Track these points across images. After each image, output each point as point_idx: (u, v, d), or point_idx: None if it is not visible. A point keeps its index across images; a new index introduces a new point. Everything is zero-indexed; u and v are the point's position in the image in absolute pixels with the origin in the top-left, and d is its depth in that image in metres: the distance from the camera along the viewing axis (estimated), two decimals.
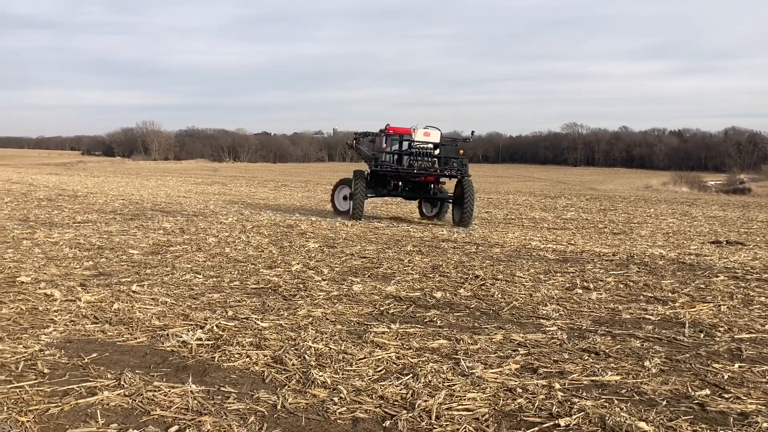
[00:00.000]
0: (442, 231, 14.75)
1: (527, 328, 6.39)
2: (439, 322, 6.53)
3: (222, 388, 4.51)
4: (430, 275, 9.02)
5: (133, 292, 7.41)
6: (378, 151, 17.56)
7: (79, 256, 9.71)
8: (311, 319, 6.49)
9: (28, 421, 3.83)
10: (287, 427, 3.94)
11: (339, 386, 4.56)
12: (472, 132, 18.60)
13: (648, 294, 8.17)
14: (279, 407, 4.21)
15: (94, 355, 5.15)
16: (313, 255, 10.65)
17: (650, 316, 6.97)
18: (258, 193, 30.87)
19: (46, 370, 4.74)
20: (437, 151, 17.33)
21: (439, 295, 7.74)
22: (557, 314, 7.00)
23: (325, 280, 8.54)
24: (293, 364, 5.04)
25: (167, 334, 5.77)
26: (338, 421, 4.04)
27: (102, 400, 4.21)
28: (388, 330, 6.12)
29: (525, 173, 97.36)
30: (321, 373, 4.79)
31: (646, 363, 5.26)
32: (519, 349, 5.66)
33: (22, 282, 7.74)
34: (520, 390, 4.58)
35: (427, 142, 16.98)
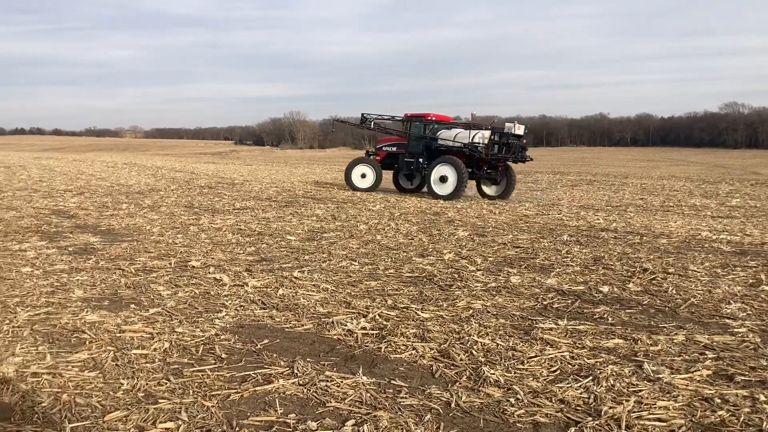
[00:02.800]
0: (599, 219, 14.00)
1: (711, 329, 5.81)
2: (610, 319, 6.10)
3: (392, 381, 4.43)
4: (593, 267, 8.52)
5: (295, 278, 7.58)
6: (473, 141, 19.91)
7: (241, 242, 10.14)
8: (472, 311, 6.29)
9: (212, 406, 3.93)
10: (464, 427, 3.78)
11: (514, 386, 4.33)
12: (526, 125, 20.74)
13: None
14: (453, 405, 4.06)
15: (266, 341, 5.27)
16: (463, 243, 10.44)
17: None
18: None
19: (223, 355, 4.90)
20: (524, 141, 20.58)
21: (605, 289, 7.26)
22: (744, 314, 6.32)
23: (479, 270, 8.31)
24: (461, 360, 4.87)
25: (332, 322, 5.81)
26: (517, 424, 3.82)
27: (278, 388, 4.26)
28: (556, 326, 5.79)
29: (678, 156, 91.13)
30: (492, 371, 4.59)
31: None
32: (706, 352, 5.14)
33: (193, 266, 8.16)
34: (719, 400, 4.11)
35: (519, 135, 19.92)
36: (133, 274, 7.64)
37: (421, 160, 20.97)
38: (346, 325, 5.70)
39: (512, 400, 4.12)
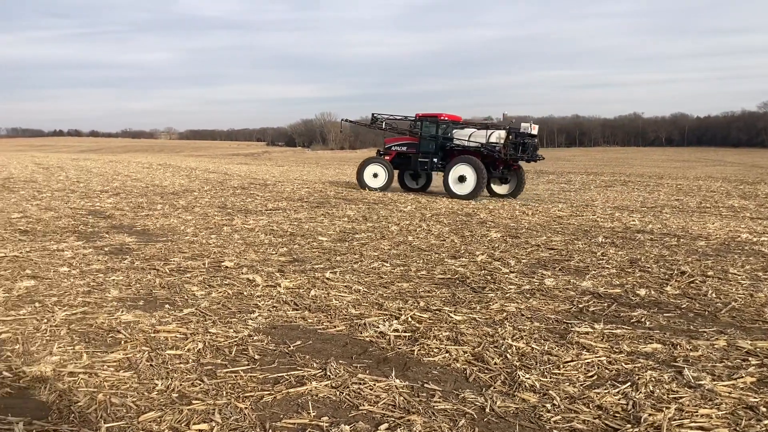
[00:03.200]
0: (634, 221, 13.75)
1: (754, 334, 5.64)
2: (648, 323, 5.96)
3: (426, 385, 4.38)
4: (629, 270, 8.35)
5: (327, 279, 7.57)
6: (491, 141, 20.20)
7: (274, 243, 10.18)
8: (506, 314, 6.21)
9: (245, 408, 3.93)
10: None
11: (550, 391, 4.25)
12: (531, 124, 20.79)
13: None
14: (488, 410, 3.99)
15: (299, 342, 5.26)
16: (496, 245, 10.34)
17: None
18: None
19: (256, 356, 4.90)
20: (537, 141, 20.94)
21: (642, 292, 7.11)
22: None
23: (513, 272, 8.21)
24: (496, 363, 4.80)
25: (364, 324, 5.78)
26: (554, 430, 3.74)
27: (311, 390, 4.25)
28: (592, 330, 5.68)
29: (714, 157, 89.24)
30: (527, 375, 4.51)
31: None
32: (749, 358, 4.99)
33: (227, 267, 8.21)
34: (764, 409, 3.98)
35: (534, 135, 20.33)
36: (167, 275, 7.71)
37: (435, 159, 21.34)
38: (378, 327, 5.66)
39: (548, 405, 4.03)
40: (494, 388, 4.36)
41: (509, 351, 5.06)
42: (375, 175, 22.03)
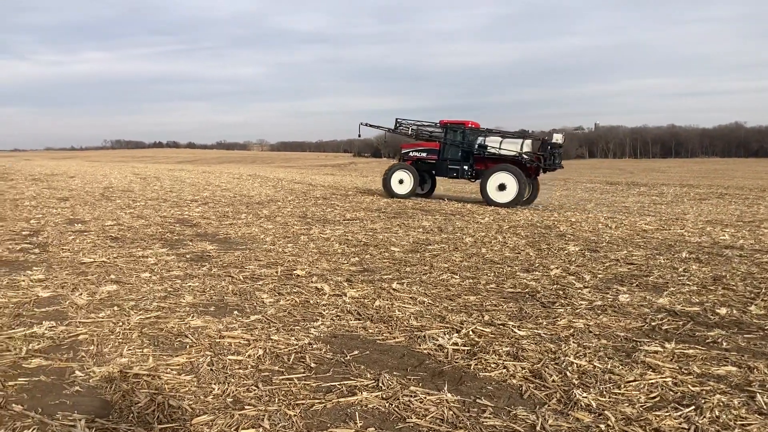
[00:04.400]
0: (725, 236, 13.04)
1: None
2: (725, 344, 5.64)
3: (478, 400, 4.32)
4: (711, 287, 7.93)
5: (393, 289, 7.60)
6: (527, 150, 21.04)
7: (347, 252, 10.31)
8: (572, 330, 6.03)
9: (295, 415, 4.00)
10: None
11: (606, 411, 4.09)
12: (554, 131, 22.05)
13: None
14: (538, 428, 3.89)
15: (356, 352, 5.30)
16: (573, 259, 10.06)
17: None
18: None
19: (312, 365, 4.98)
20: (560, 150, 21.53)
21: (723, 311, 6.73)
22: None
23: (587, 287, 7.96)
24: (553, 381, 4.67)
25: (424, 336, 5.76)
26: None
27: (361, 400, 4.27)
28: (662, 349, 5.42)
29: None
30: (585, 394, 4.36)
31: None
32: None
33: (298, 275, 8.39)
34: None
35: (560, 145, 21.10)
36: (241, 282, 7.96)
37: (466, 167, 21.82)
38: (437, 340, 5.63)
39: (602, 426, 3.89)
40: (548, 406, 4.24)
41: (569, 368, 4.92)
42: (401, 182, 22.33)
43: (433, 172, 23.03)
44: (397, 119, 23.41)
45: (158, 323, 6.00)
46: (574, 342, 5.62)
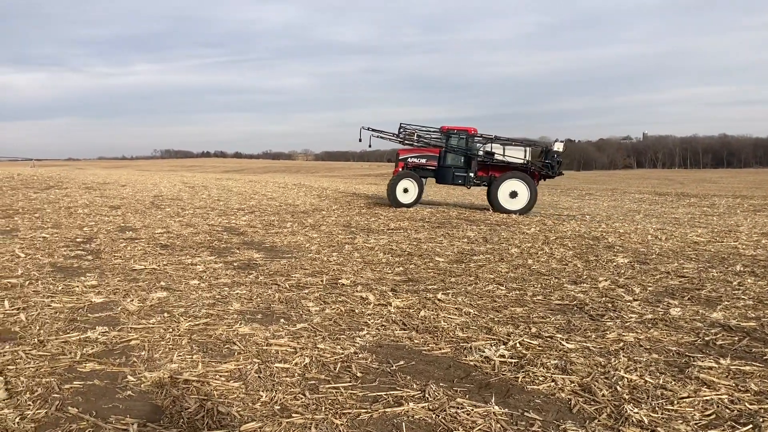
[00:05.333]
0: None
1: None
2: None
3: (526, 414, 4.26)
4: None
5: (439, 300, 7.57)
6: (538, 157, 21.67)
7: (391, 262, 10.32)
8: (622, 344, 5.90)
9: (341, 425, 4.01)
10: None
11: (658, 428, 3.99)
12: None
13: None
14: None
15: (402, 362, 5.29)
16: (622, 271, 9.86)
17: None
18: (561, 202, 30.16)
19: (359, 374, 4.98)
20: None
21: None
22: None
23: (636, 300, 7.79)
24: (603, 395, 4.57)
25: (470, 347, 5.71)
26: None
27: (407, 411, 4.26)
28: (717, 365, 5.27)
29: None
30: (636, 410, 4.26)
31: None
32: None
33: (343, 284, 8.43)
34: None
35: (560, 152, 21.49)
36: (287, 290, 8.03)
37: (471, 174, 21.72)
38: (484, 352, 5.58)
39: None
40: (598, 421, 4.16)
41: (620, 383, 4.81)
42: (405, 191, 21.82)
43: (434, 178, 22.65)
44: (401, 124, 22.79)
45: (207, 330, 6.10)
46: (624, 356, 5.50)
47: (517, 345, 5.78)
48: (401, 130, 22.79)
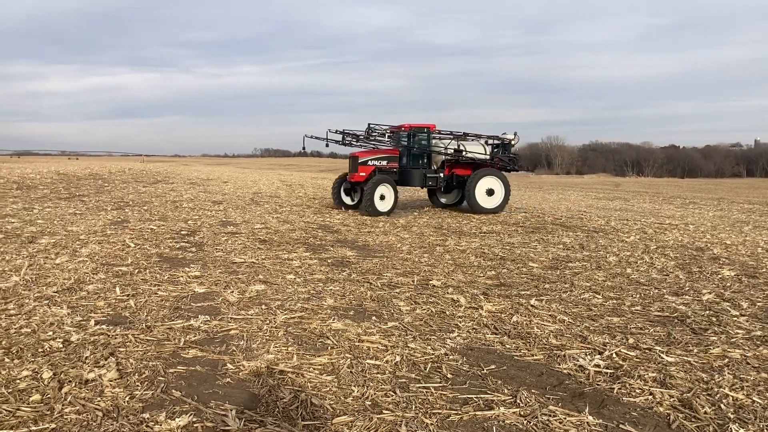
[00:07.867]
0: None
1: None
2: None
3: (621, 426, 4.14)
4: None
5: (532, 306, 7.45)
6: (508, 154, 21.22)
7: (483, 265, 10.24)
8: (727, 360, 5.61)
9: (431, 424, 4.03)
10: None
11: None
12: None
13: None
14: None
15: (493, 366, 5.25)
16: (728, 284, 9.35)
17: None
18: (662, 211, 28.88)
19: (449, 375, 4.99)
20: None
21: None
22: None
23: (744, 315, 7.38)
24: (706, 413, 4.37)
25: (564, 355, 5.60)
26: None
27: (498, 415, 4.23)
28: None
29: None
30: (742, 430, 4.04)
31: None
32: None
33: (434, 285, 8.45)
34: None
35: (513, 144, 21.72)
36: (378, 288, 8.14)
37: (441, 175, 20.44)
38: (578, 361, 5.45)
39: None
40: None
41: (724, 401, 4.58)
42: (382, 198, 18.98)
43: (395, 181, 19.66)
44: (369, 125, 20.53)
45: (302, 323, 6.27)
46: (729, 373, 5.23)
47: (614, 355, 5.61)
48: (369, 130, 20.49)
